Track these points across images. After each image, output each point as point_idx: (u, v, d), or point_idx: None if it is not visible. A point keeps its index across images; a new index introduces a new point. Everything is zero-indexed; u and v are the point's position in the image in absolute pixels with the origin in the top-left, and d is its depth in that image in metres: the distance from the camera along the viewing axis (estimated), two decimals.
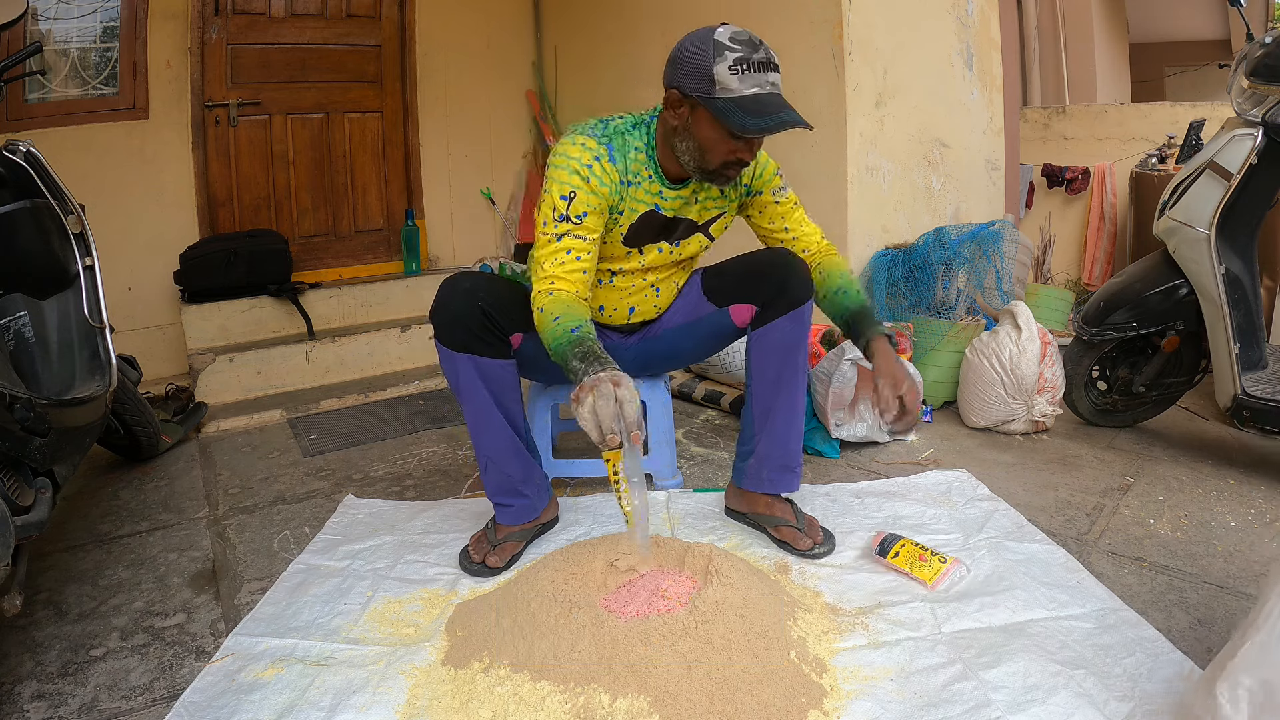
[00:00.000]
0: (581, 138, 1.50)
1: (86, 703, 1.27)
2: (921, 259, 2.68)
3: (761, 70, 1.37)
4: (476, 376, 1.53)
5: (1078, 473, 2.02)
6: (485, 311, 1.50)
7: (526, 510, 1.66)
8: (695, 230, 1.66)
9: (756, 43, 1.39)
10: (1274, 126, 1.79)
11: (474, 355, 1.52)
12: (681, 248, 1.67)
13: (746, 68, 1.36)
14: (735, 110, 1.37)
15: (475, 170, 3.95)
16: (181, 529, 1.91)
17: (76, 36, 3.01)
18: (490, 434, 1.58)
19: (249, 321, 3.11)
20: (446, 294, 1.52)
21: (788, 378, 1.62)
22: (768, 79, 1.38)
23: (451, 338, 1.51)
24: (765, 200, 1.67)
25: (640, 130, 1.55)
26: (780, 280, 1.58)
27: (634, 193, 1.54)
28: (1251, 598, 1.43)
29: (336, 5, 3.50)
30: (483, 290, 1.52)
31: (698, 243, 1.69)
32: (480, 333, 1.51)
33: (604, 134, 1.52)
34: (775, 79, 1.40)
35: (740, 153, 1.44)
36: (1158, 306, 2.06)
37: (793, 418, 1.65)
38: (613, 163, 1.50)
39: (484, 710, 1.16)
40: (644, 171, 1.54)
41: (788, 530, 1.64)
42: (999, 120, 3.26)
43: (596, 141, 1.50)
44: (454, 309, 1.51)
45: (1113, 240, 3.97)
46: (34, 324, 1.76)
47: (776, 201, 1.67)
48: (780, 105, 1.39)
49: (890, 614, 1.39)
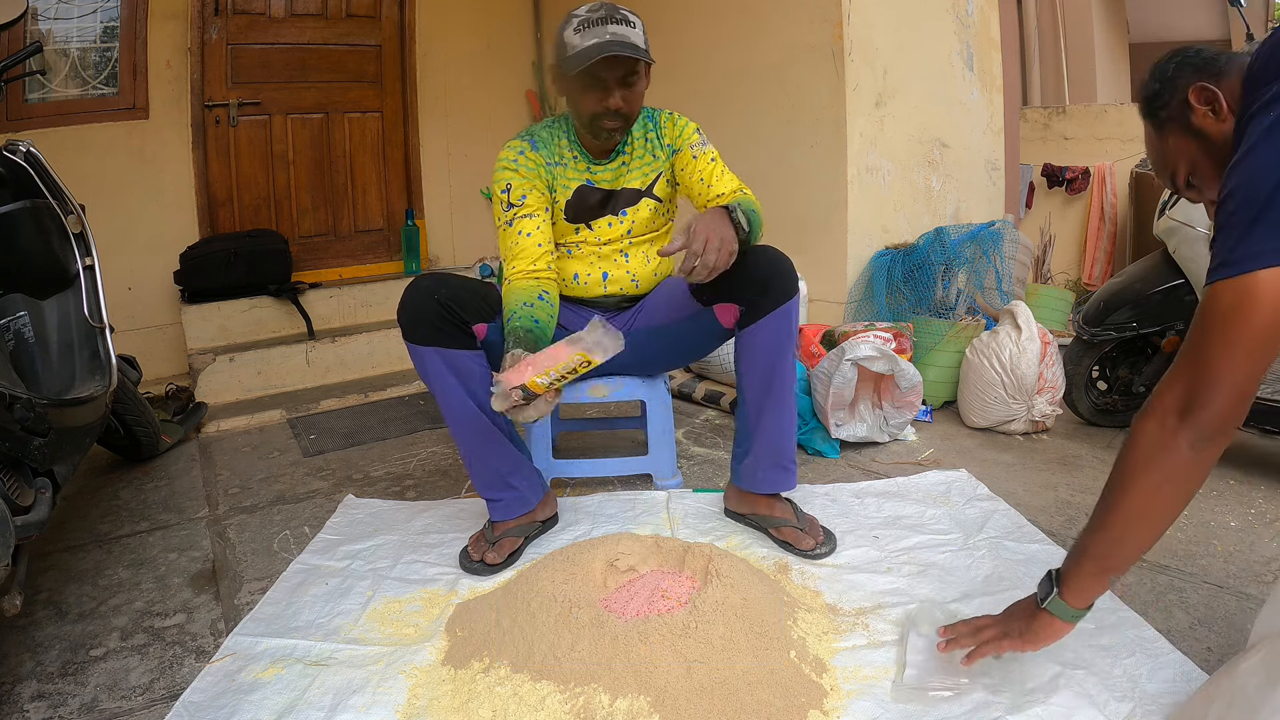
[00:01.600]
0: (508, 143, 1.69)
1: (86, 703, 1.27)
2: (921, 259, 2.68)
3: (600, 24, 1.50)
4: (444, 367, 1.55)
5: (1078, 473, 2.02)
6: (444, 304, 1.54)
7: (519, 503, 1.66)
8: (642, 197, 1.74)
9: (604, 4, 1.53)
10: None
11: (439, 348, 1.55)
12: (631, 215, 1.75)
13: (587, 25, 1.51)
14: (573, 60, 1.51)
15: (475, 170, 3.95)
16: (181, 529, 1.91)
17: (76, 36, 3.01)
18: (466, 426, 1.59)
19: (249, 321, 3.11)
20: (409, 293, 1.58)
21: (776, 376, 1.61)
22: (606, 30, 1.50)
23: (415, 333, 1.55)
24: (685, 158, 1.73)
25: (559, 124, 1.72)
26: (764, 279, 1.57)
27: (563, 173, 1.69)
28: (1252, 598, 1.43)
29: (336, 5, 3.50)
30: (442, 286, 1.58)
31: (647, 208, 1.76)
32: (441, 324, 1.54)
33: (526, 134, 1.70)
34: (616, 30, 1.50)
35: (604, 102, 1.55)
36: (1158, 306, 2.06)
37: (783, 416, 1.65)
38: (535, 150, 1.67)
39: (484, 710, 1.16)
40: (568, 154, 1.70)
41: (789, 530, 1.64)
42: (999, 120, 3.26)
43: (519, 140, 1.69)
44: (415, 304, 1.56)
45: (1113, 240, 3.97)
46: (34, 324, 1.76)
47: (694, 157, 1.72)
48: (611, 41, 1.48)
49: (890, 614, 1.39)
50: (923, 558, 1.58)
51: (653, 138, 1.74)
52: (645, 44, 1.56)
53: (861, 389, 2.20)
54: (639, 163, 1.73)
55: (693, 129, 1.75)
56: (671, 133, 1.74)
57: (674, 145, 1.74)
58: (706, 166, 1.72)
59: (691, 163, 1.72)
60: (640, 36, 1.55)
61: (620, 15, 1.53)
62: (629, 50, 1.49)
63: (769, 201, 1.89)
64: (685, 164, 1.73)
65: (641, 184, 1.74)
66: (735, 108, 3.04)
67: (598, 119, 1.58)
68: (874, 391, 2.25)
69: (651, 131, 1.74)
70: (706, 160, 1.72)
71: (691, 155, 1.72)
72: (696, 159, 1.72)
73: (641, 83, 1.59)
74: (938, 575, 1.51)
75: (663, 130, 1.74)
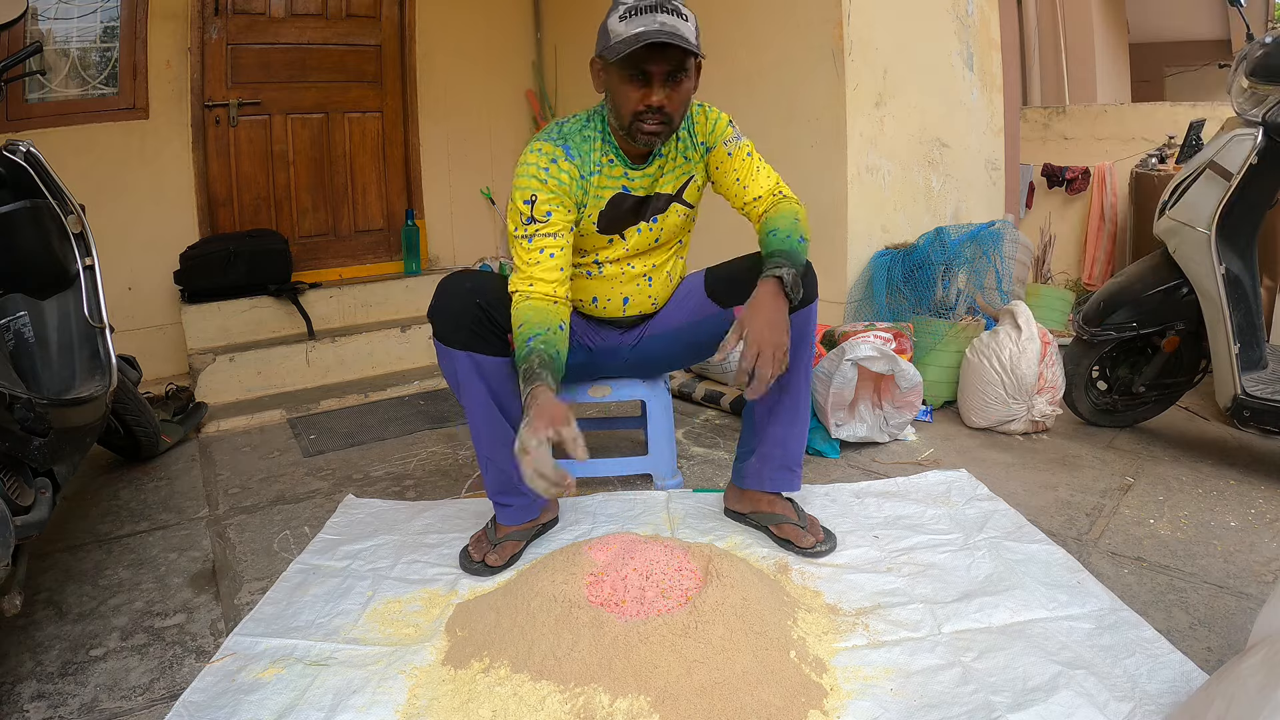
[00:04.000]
0: (538, 144, 1.53)
1: (86, 703, 1.27)
2: (921, 259, 2.68)
3: (650, 12, 1.37)
4: (475, 374, 1.54)
5: (1078, 473, 2.02)
6: (484, 309, 1.52)
7: (527, 509, 1.66)
8: (671, 202, 1.64)
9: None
10: (1274, 126, 1.79)
11: (473, 353, 1.53)
12: (661, 222, 1.65)
13: (634, 12, 1.38)
14: (614, 48, 1.39)
15: (475, 170, 3.95)
16: (181, 529, 1.91)
17: (76, 36, 3.01)
18: (490, 432, 1.58)
19: (249, 321, 3.11)
20: (445, 293, 1.55)
21: (792, 379, 1.61)
22: (655, 19, 1.37)
23: (451, 336, 1.53)
24: (719, 156, 1.63)
25: (594, 121, 1.57)
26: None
27: (598, 181, 1.56)
28: (1252, 598, 1.43)
29: (336, 5, 3.50)
30: (482, 289, 1.55)
31: (677, 214, 1.66)
32: (479, 330, 1.52)
33: (559, 135, 1.54)
34: (665, 20, 1.37)
35: (646, 99, 1.43)
36: (1158, 306, 2.06)
37: (796, 418, 1.65)
38: (570, 159, 1.52)
39: (484, 710, 1.16)
40: (604, 159, 1.56)
41: (790, 528, 1.64)
42: (999, 120, 3.26)
43: (552, 144, 1.52)
44: (453, 308, 1.53)
45: (1113, 240, 3.97)
46: (34, 324, 1.76)
47: (729, 154, 1.62)
48: (658, 34, 1.36)
49: (890, 614, 1.39)
50: (922, 557, 1.58)
51: (685, 136, 1.62)
52: (698, 40, 1.43)
53: (861, 389, 2.20)
54: (673, 164, 1.62)
55: (725, 121, 1.63)
56: (704, 127, 1.62)
57: (708, 143, 1.62)
58: (742, 164, 1.62)
59: (726, 160, 1.62)
60: (692, 30, 1.41)
61: (673, 5, 1.40)
62: (679, 40, 1.36)
63: None
64: (720, 161, 1.63)
65: (673, 188, 1.63)
66: (735, 108, 3.00)
67: (638, 119, 1.45)
68: (874, 391, 2.25)
69: (684, 129, 1.61)
70: (742, 156, 1.63)
71: (726, 153, 1.62)
72: (731, 155, 1.62)
73: (689, 82, 1.47)
74: (937, 575, 1.51)
75: (695, 125, 1.61)
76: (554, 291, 1.49)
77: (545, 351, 1.39)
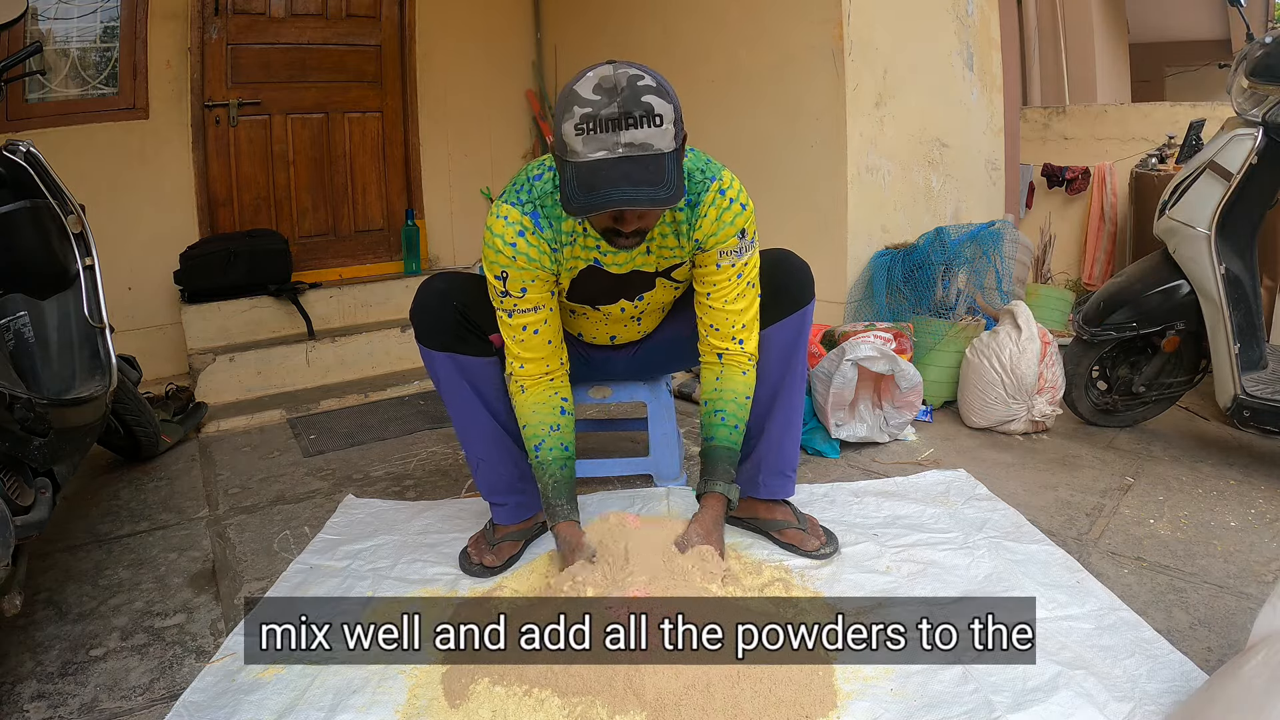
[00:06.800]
0: (505, 208, 1.39)
1: (86, 703, 1.27)
2: (921, 259, 2.68)
3: (611, 130, 1.14)
4: (458, 374, 1.54)
5: (1078, 473, 2.02)
6: (461, 311, 1.52)
7: (522, 508, 1.66)
8: (655, 279, 1.50)
9: (621, 88, 1.15)
10: (1274, 126, 1.79)
11: (454, 354, 1.53)
12: (648, 298, 1.54)
13: (591, 127, 1.14)
14: (571, 182, 1.17)
15: (475, 170, 3.95)
16: (181, 529, 1.91)
17: (76, 36, 3.01)
18: (477, 432, 1.59)
19: (249, 321, 3.11)
20: (423, 295, 1.55)
21: (786, 383, 1.60)
22: (618, 140, 1.14)
23: (431, 338, 1.53)
24: (708, 260, 1.44)
25: None
26: (779, 283, 1.55)
27: (570, 252, 1.42)
28: (1252, 598, 1.43)
29: (336, 5, 3.50)
30: (458, 290, 1.54)
31: (664, 289, 1.54)
32: (459, 332, 1.52)
33: (529, 199, 1.38)
34: (632, 137, 1.14)
35: (618, 224, 1.27)
36: (1158, 306, 2.06)
37: (790, 423, 1.64)
38: (539, 231, 1.38)
39: (484, 710, 1.16)
40: (577, 228, 1.40)
41: (792, 532, 1.63)
42: (999, 120, 3.26)
43: (520, 211, 1.38)
44: (431, 310, 1.53)
45: (1113, 240, 3.96)
46: (34, 324, 1.76)
47: (717, 266, 1.44)
48: (622, 175, 1.14)
49: (890, 614, 1.38)
50: (922, 556, 1.57)
51: (684, 229, 1.42)
52: (676, 138, 1.19)
53: (861, 389, 2.20)
54: (658, 244, 1.44)
55: (735, 231, 1.40)
56: (708, 228, 1.41)
57: (703, 244, 1.43)
58: (727, 286, 1.45)
59: (714, 271, 1.44)
60: (667, 136, 1.17)
61: (639, 112, 1.14)
62: (644, 195, 1.15)
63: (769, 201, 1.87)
64: (705, 264, 1.45)
65: (657, 266, 1.48)
66: (735, 107, 3.04)
67: (608, 234, 1.31)
68: (874, 391, 2.25)
69: (685, 223, 1.42)
70: (732, 276, 1.44)
71: (716, 265, 1.43)
72: (720, 269, 1.43)
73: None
74: (937, 574, 1.51)
75: (699, 215, 1.40)
76: (547, 367, 1.49)
77: (554, 463, 1.47)
